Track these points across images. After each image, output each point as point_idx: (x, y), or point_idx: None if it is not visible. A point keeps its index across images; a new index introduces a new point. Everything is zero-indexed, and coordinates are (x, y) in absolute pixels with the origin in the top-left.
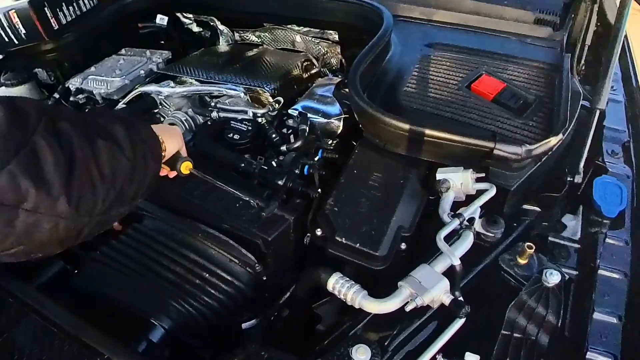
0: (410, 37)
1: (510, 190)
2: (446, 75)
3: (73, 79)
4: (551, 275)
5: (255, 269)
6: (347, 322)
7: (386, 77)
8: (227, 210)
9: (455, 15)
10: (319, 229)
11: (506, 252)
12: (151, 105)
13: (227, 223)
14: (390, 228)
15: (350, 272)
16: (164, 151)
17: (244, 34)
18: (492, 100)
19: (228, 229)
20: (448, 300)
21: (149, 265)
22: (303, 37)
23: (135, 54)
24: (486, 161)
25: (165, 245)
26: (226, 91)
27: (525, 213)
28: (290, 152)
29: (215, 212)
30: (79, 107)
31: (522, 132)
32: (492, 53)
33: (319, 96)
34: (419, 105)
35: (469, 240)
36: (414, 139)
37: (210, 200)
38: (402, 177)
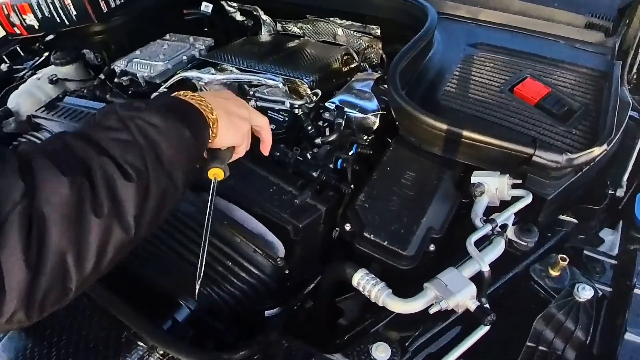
0: (454, 35)
1: (547, 199)
2: (489, 76)
3: (118, 61)
4: (583, 290)
5: (277, 262)
6: (369, 319)
7: (427, 75)
8: (260, 194)
9: (502, 15)
10: (348, 224)
11: (538, 263)
12: (191, 90)
13: (259, 206)
14: (420, 228)
15: (376, 269)
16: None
17: (286, 24)
18: (535, 105)
19: (259, 212)
20: (474, 306)
21: (177, 248)
22: (345, 31)
23: (179, 40)
24: (524, 167)
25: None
26: (265, 81)
27: (561, 224)
28: (324, 145)
29: (248, 194)
30: (123, 89)
31: (565, 139)
32: (538, 56)
33: (357, 91)
34: (458, 106)
35: (500, 247)
36: (451, 139)
37: (244, 183)
38: (435, 177)
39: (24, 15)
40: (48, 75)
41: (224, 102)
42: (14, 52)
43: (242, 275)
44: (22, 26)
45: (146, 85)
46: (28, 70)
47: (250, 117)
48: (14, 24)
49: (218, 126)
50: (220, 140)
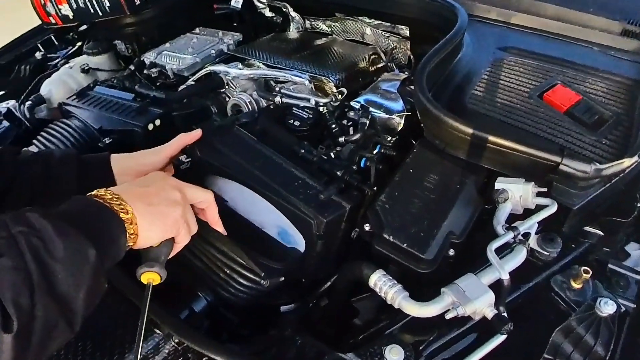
0: (484, 38)
1: (573, 209)
2: (518, 81)
3: (148, 53)
4: (606, 304)
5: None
6: (384, 320)
7: (454, 77)
8: (285, 186)
9: (534, 19)
10: (367, 224)
11: (560, 274)
12: (218, 84)
13: (283, 198)
14: (440, 232)
15: (393, 271)
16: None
17: (315, 22)
18: (564, 113)
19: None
20: (491, 314)
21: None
22: (373, 30)
23: (208, 34)
24: (550, 176)
25: None
26: (291, 77)
27: (586, 235)
28: (348, 144)
29: (273, 185)
30: (152, 80)
31: (594, 149)
32: (570, 62)
33: (383, 91)
34: (485, 110)
35: (522, 255)
36: (477, 144)
37: (270, 173)
38: (458, 181)
39: (59, 5)
40: (80, 64)
41: (144, 192)
42: (48, 40)
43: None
44: (57, 16)
45: (174, 78)
46: (61, 59)
47: (186, 198)
48: (50, 13)
49: (137, 225)
50: (145, 239)
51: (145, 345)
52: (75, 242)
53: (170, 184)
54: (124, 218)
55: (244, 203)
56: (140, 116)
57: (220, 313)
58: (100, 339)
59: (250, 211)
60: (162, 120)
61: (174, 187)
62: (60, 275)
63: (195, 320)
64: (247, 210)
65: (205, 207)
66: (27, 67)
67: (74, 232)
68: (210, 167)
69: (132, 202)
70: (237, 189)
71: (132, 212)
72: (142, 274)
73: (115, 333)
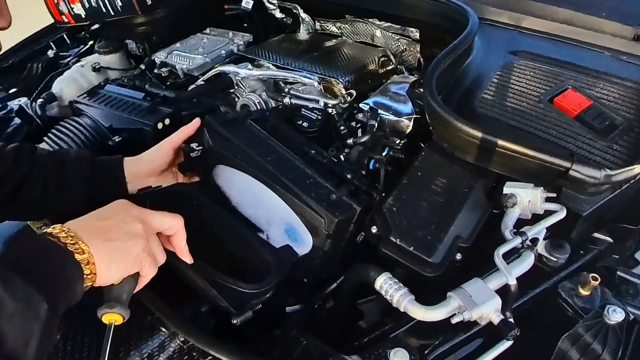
0: (495, 42)
1: (582, 215)
2: (528, 85)
3: (159, 53)
4: (614, 312)
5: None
6: (389, 323)
7: (464, 81)
8: (297, 183)
9: (545, 23)
10: (374, 227)
11: (568, 280)
12: (228, 84)
13: (295, 194)
14: (447, 236)
15: (400, 274)
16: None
17: (325, 24)
18: (575, 118)
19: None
20: (497, 319)
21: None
22: (383, 32)
23: (219, 34)
24: (560, 181)
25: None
26: (301, 79)
27: (595, 242)
28: (356, 146)
29: (285, 180)
30: (162, 80)
31: (604, 155)
32: (581, 67)
33: (392, 93)
34: (494, 114)
35: (529, 261)
36: (486, 148)
37: (282, 169)
38: (467, 185)
39: (72, 4)
40: (91, 63)
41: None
42: (60, 39)
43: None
44: (69, 15)
45: (184, 77)
46: (73, 58)
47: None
48: (63, 12)
49: (95, 264)
50: (105, 277)
51: (151, 343)
52: (25, 298)
53: (132, 215)
54: (80, 259)
55: (251, 197)
56: (150, 115)
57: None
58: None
59: (257, 205)
60: (172, 119)
61: (135, 219)
62: (9, 334)
63: (201, 319)
64: (253, 204)
65: (172, 233)
66: (40, 65)
67: (23, 285)
68: (221, 157)
69: (89, 240)
70: (246, 182)
71: (88, 251)
72: (103, 315)
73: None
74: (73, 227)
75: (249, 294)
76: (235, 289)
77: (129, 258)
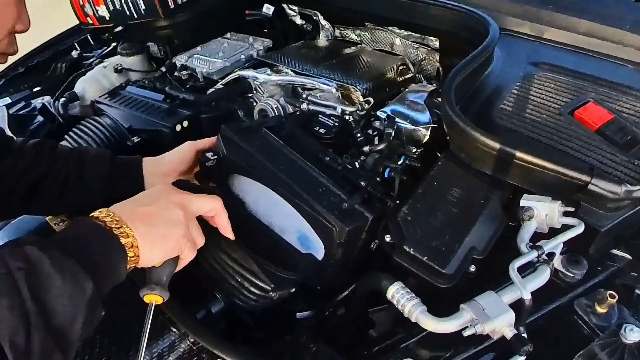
0: (515, 52)
1: (601, 230)
2: (548, 97)
3: (180, 56)
4: (631, 331)
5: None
6: (400, 333)
7: (483, 91)
8: (309, 191)
9: (567, 35)
10: (388, 235)
11: (584, 297)
12: (246, 89)
13: (306, 203)
14: (461, 247)
15: (412, 284)
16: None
17: (345, 31)
18: (595, 131)
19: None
20: (510, 334)
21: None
22: (403, 41)
23: (239, 39)
24: (578, 195)
25: None
26: (319, 85)
27: (613, 258)
28: (372, 154)
29: (297, 189)
30: (182, 82)
31: (625, 170)
32: (603, 80)
33: (410, 102)
34: (513, 126)
35: (545, 275)
36: (503, 159)
37: (294, 177)
38: (483, 197)
39: (97, 6)
40: (114, 64)
41: (144, 211)
42: (84, 40)
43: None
44: (94, 17)
45: (204, 81)
46: (96, 59)
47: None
48: (87, 14)
49: (138, 248)
50: (146, 260)
51: (161, 343)
52: (73, 276)
53: (173, 201)
54: (124, 242)
55: (265, 205)
56: (168, 117)
57: (237, 315)
58: (117, 335)
59: (272, 213)
60: (190, 122)
61: (176, 205)
62: (58, 310)
63: (212, 321)
64: (268, 213)
65: (213, 215)
66: (64, 65)
67: (70, 264)
68: (235, 166)
69: (133, 224)
70: (260, 190)
71: (132, 235)
72: (145, 296)
73: (132, 329)
74: (117, 211)
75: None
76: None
77: (170, 243)
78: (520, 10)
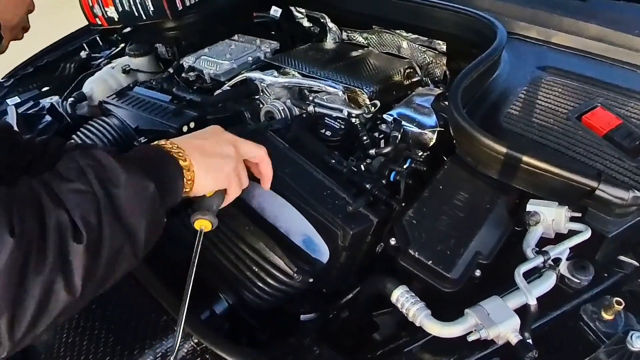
0: (523, 57)
1: (608, 236)
2: (556, 102)
3: (187, 57)
4: (638, 338)
5: (294, 278)
6: (404, 337)
7: (490, 95)
8: (314, 195)
9: (575, 39)
10: (393, 239)
11: (590, 303)
12: (253, 91)
13: (311, 206)
14: (467, 252)
15: (417, 288)
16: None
17: (352, 34)
18: (603, 136)
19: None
20: (515, 339)
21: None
22: (410, 44)
23: (246, 41)
24: (585, 201)
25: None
26: (325, 87)
27: (620, 265)
28: (378, 157)
29: (301, 193)
30: (189, 84)
31: (633, 175)
32: (611, 85)
33: (417, 105)
34: (520, 130)
35: (551, 281)
36: (510, 163)
37: (299, 181)
38: (489, 201)
39: (106, 7)
40: (122, 65)
41: (201, 143)
42: (93, 41)
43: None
44: (103, 17)
45: (211, 82)
46: (104, 59)
47: (239, 153)
48: (97, 15)
49: (194, 172)
50: (199, 186)
51: (165, 343)
52: (136, 176)
53: (226, 139)
54: (182, 165)
55: (271, 208)
56: (175, 118)
57: (241, 316)
58: (121, 334)
59: (278, 217)
60: (197, 123)
61: (228, 142)
62: (123, 202)
63: (216, 322)
64: (274, 216)
65: (258, 161)
66: (72, 65)
67: (135, 167)
68: None
69: (190, 153)
70: (266, 194)
71: (190, 160)
72: (196, 221)
73: (137, 328)
74: (176, 141)
75: (306, 267)
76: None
77: (222, 174)
78: (528, 14)
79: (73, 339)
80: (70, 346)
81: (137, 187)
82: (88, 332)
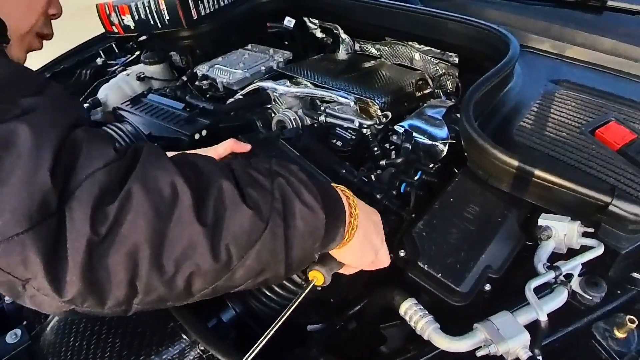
0: (536, 70)
1: (621, 253)
2: (569, 116)
3: (201, 66)
4: None
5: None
6: (411, 350)
7: (502, 108)
8: None
9: (589, 53)
10: (402, 250)
11: (602, 321)
12: (265, 100)
13: None
14: (477, 265)
15: (426, 301)
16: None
17: (364, 45)
18: (617, 151)
19: None
20: (525, 356)
21: None
22: (422, 56)
23: (260, 51)
24: (598, 216)
25: None
26: (337, 98)
27: (634, 282)
28: (388, 168)
29: None
30: (202, 92)
31: None
32: (625, 99)
33: (428, 117)
34: (532, 143)
35: (562, 297)
36: (521, 177)
37: None
38: (500, 214)
39: (122, 15)
40: (137, 72)
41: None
42: (109, 48)
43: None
44: (119, 25)
45: (224, 91)
46: (120, 66)
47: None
48: (113, 22)
49: (352, 236)
50: (345, 251)
51: (172, 350)
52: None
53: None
54: (348, 220)
55: None
56: (188, 125)
57: (248, 325)
58: (128, 339)
59: None
60: (209, 131)
61: (382, 238)
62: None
63: (222, 330)
64: None
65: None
66: (88, 71)
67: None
68: None
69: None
70: None
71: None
72: (312, 271)
73: (144, 334)
74: (356, 201)
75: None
76: None
77: (364, 260)
78: (541, 27)
79: (80, 343)
80: (77, 350)
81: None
82: (95, 337)
